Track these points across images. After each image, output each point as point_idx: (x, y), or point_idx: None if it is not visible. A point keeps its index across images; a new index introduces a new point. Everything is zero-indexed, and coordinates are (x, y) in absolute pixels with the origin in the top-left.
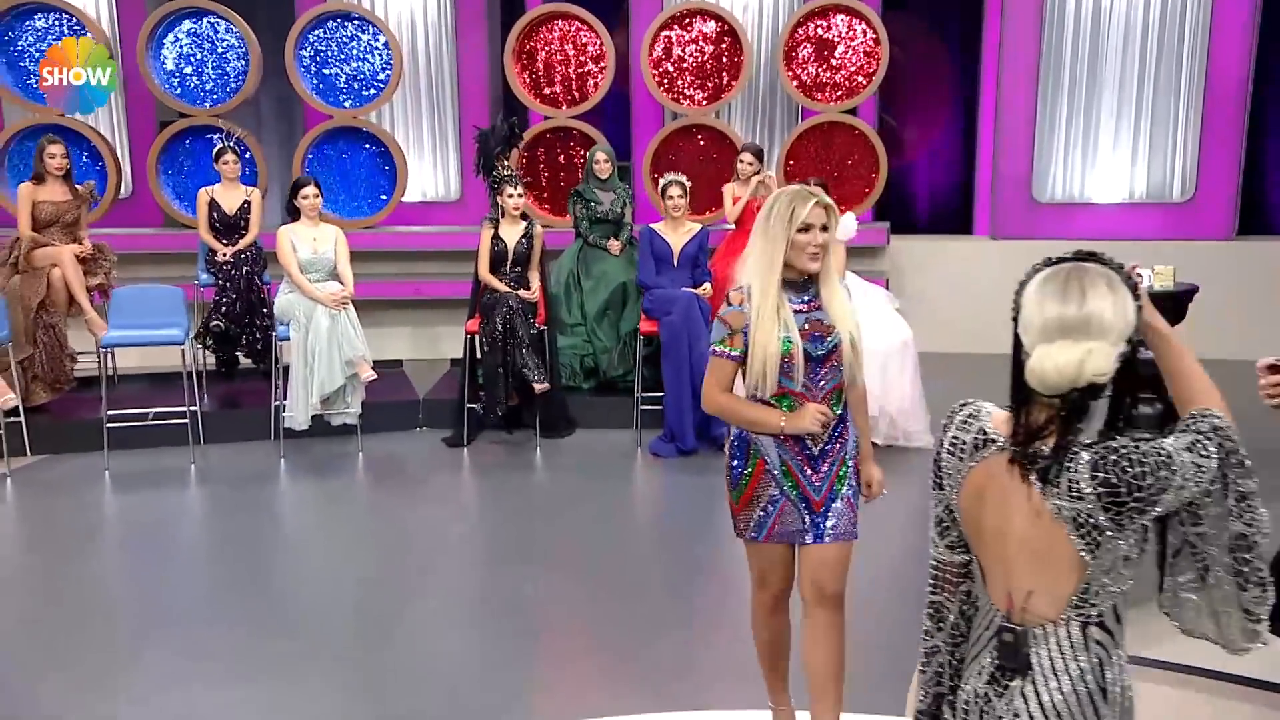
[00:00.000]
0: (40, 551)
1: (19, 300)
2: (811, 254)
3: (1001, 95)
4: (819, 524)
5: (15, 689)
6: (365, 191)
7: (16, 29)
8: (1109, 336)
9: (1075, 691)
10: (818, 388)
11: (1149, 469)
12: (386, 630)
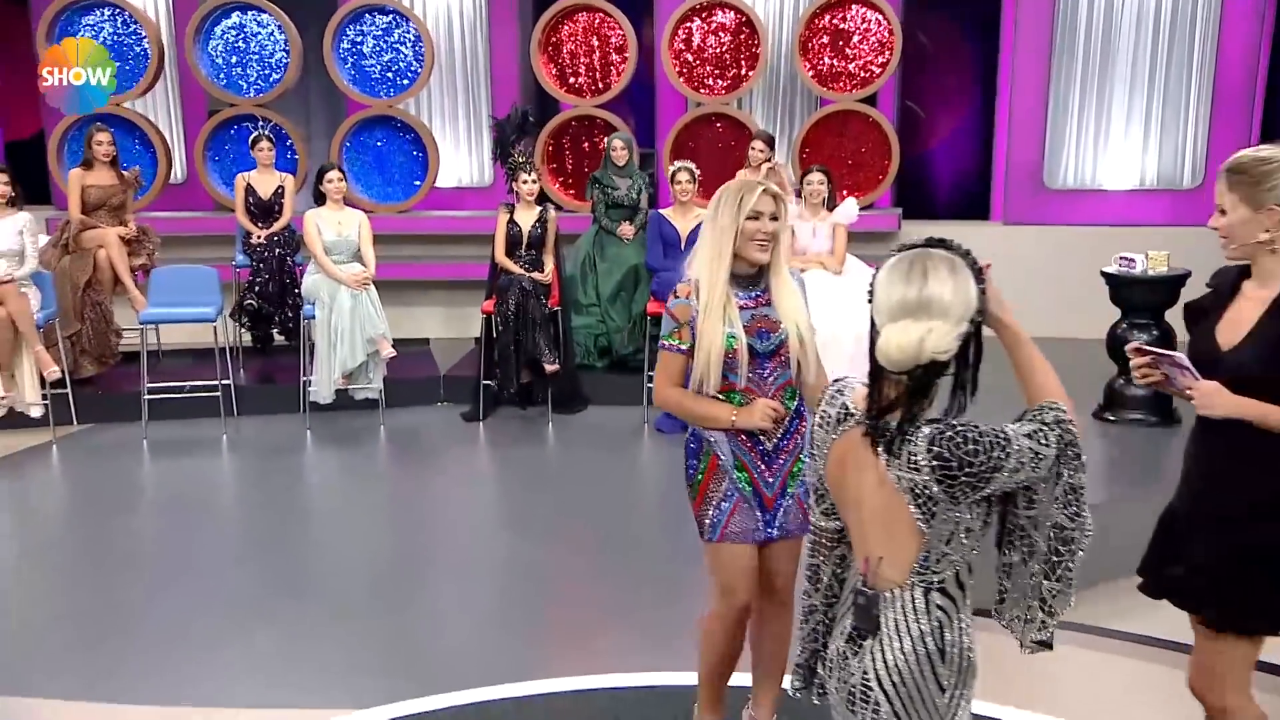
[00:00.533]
0: (83, 513)
1: (68, 279)
2: (760, 243)
3: (1014, 83)
4: (769, 521)
5: (62, 635)
6: (400, 177)
7: (74, 24)
8: (949, 317)
9: (915, 652)
10: (766, 384)
11: (982, 448)
12: (403, 589)
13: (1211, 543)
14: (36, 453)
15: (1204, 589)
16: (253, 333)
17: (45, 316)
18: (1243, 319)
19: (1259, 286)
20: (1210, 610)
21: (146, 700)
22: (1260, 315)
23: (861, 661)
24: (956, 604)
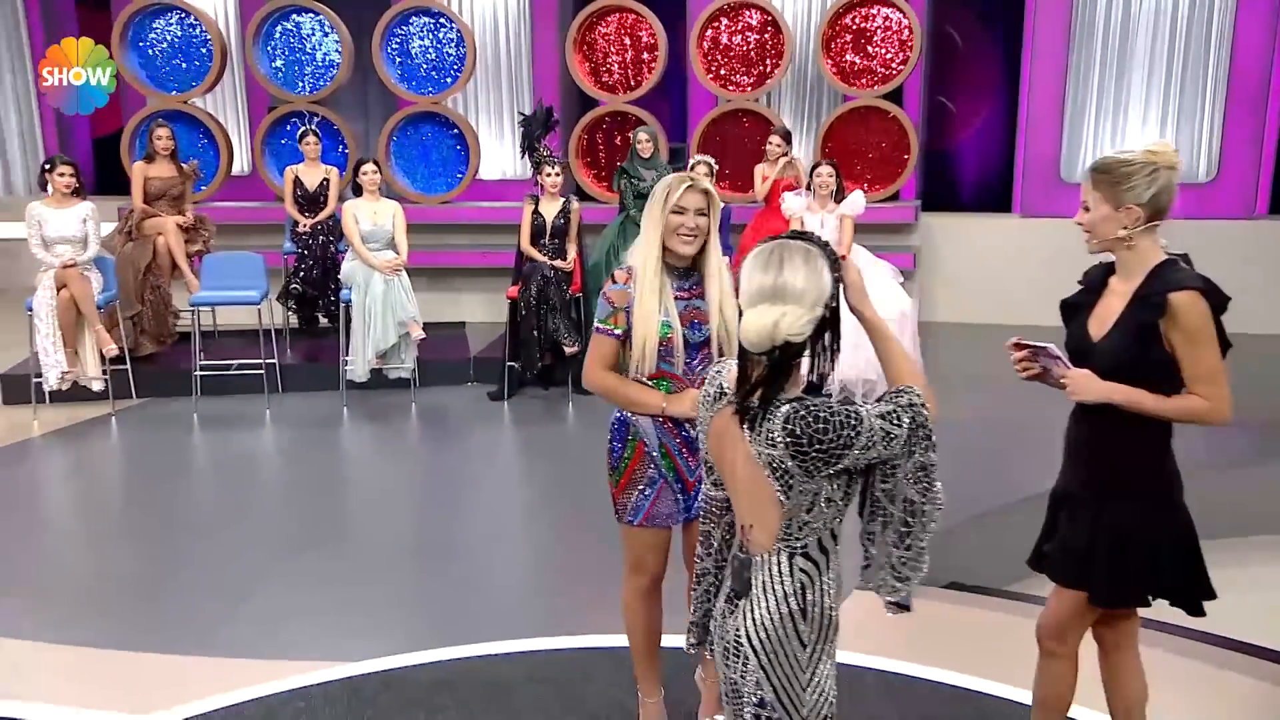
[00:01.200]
0: (137, 478)
1: (130, 264)
2: (684, 237)
3: (1032, 78)
4: (689, 503)
5: (119, 589)
6: (443, 170)
7: (145, 27)
8: (802, 302)
9: (779, 611)
10: (695, 372)
11: (832, 426)
12: (430, 550)
13: (1079, 524)
14: (97, 423)
15: (1072, 566)
16: (298, 315)
17: (105, 298)
18: (1109, 311)
19: (1123, 280)
20: (1080, 587)
21: (195, 650)
22: (1123, 307)
23: (735, 619)
24: (819, 567)
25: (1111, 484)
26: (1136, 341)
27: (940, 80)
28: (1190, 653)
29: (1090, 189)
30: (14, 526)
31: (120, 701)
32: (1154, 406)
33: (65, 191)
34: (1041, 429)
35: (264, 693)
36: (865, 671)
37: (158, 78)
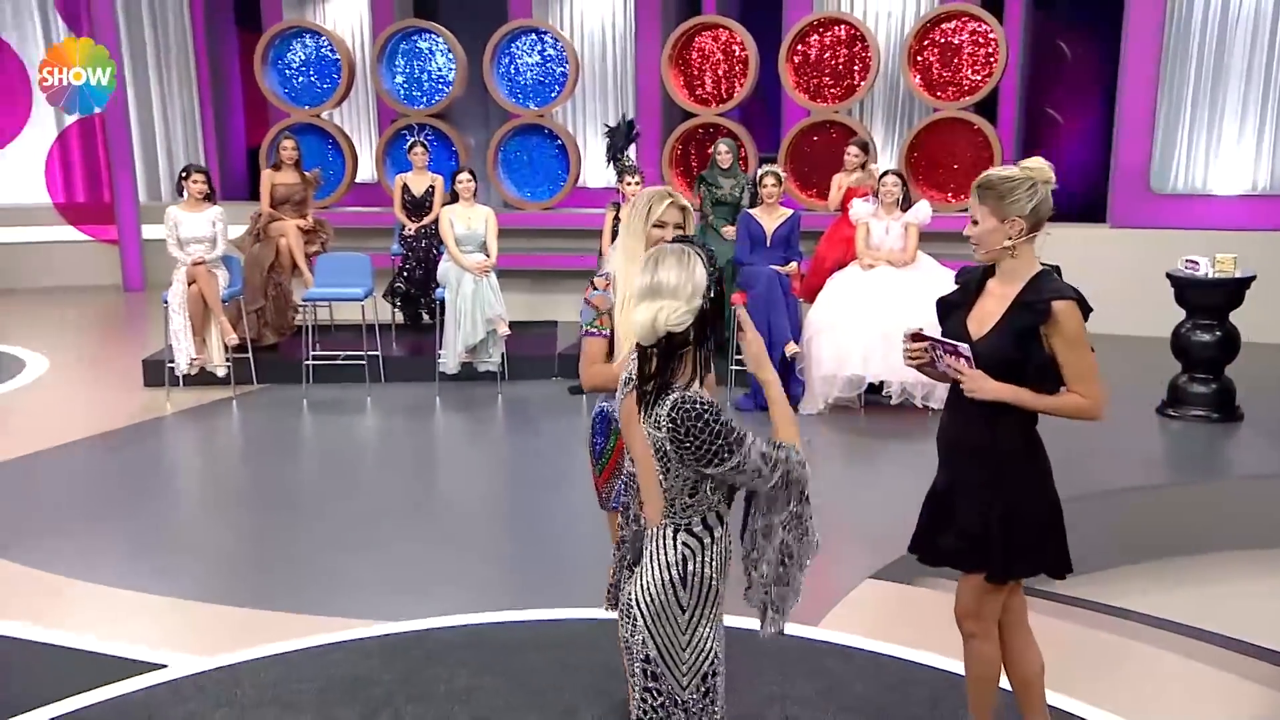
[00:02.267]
0: (253, 455)
1: (256, 262)
2: None
3: (1125, 88)
4: None
5: (239, 552)
6: (546, 178)
7: (284, 48)
8: (679, 296)
9: (661, 579)
10: None
11: (710, 431)
12: (513, 520)
13: (971, 512)
14: (220, 405)
15: (973, 551)
16: (404, 312)
17: (230, 293)
18: (989, 312)
19: (1002, 285)
20: (982, 569)
21: (302, 609)
22: (1004, 310)
23: (629, 584)
24: (703, 543)
25: (995, 474)
26: (1016, 342)
27: (1042, 90)
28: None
29: (978, 204)
30: (148, 493)
31: (216, 649)
32: (1039, 404)
33: (198, 197)
34: (1105, 434)
35: (340, 639)
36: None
37: (294, 94)
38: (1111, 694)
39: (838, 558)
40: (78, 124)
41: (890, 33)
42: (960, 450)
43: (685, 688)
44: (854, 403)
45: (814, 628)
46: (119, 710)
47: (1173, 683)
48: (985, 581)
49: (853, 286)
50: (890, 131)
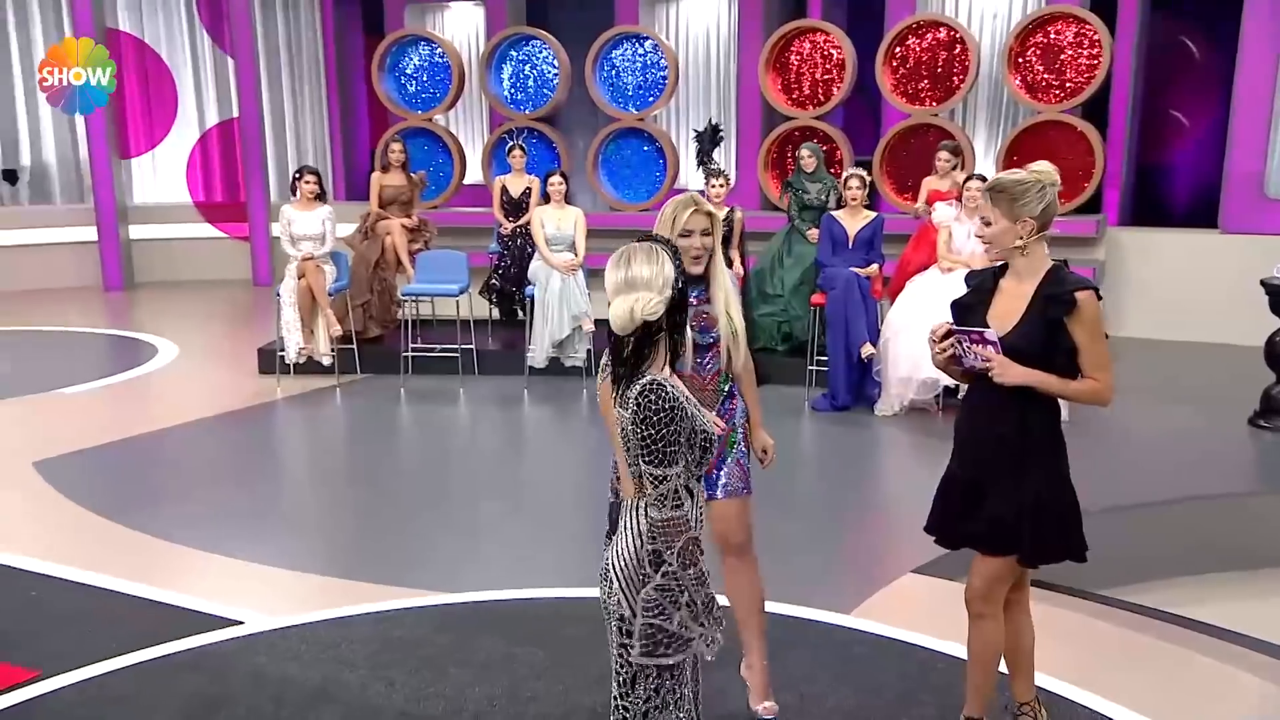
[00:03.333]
0: (352, 439)
1: (363, 259)
2: (693, 257)
3: (1240, 92)
4: (713, 481)
5: (343, 527)
6: (645, 179)
7: (400, 55)
8: (651, 288)
9: (630, 546)
10: (706, 370)
11: (665, 416)
12: (586, 504)
13: (1002, 499)
14: (325, 393)
15: (1002, 537)
16: (499, 308)
17: (336, 288)
18: (1009, 309)
19: (1018, 283)
20: (1009, 553)
21: (375, 579)
22: (1026, 306)
23: (608, 551)
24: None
25: (1023, 463)
26: (1045, 333)
27: (1160, 91)
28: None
29: (991, 206)
30: (250, 470)
31: (292, 610)
32: (1062, 388)
33: (310, 196)
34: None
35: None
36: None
37: (409, 98)
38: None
39: (884, 551)
40: (217, 127)
41: (996, 34)
42: (988, 440)
43: None
44: (930, 405)
45: (846, 615)
46: (195, 659)
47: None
48: (1017, 564)
49: (931, 290)
50: (993, 135)
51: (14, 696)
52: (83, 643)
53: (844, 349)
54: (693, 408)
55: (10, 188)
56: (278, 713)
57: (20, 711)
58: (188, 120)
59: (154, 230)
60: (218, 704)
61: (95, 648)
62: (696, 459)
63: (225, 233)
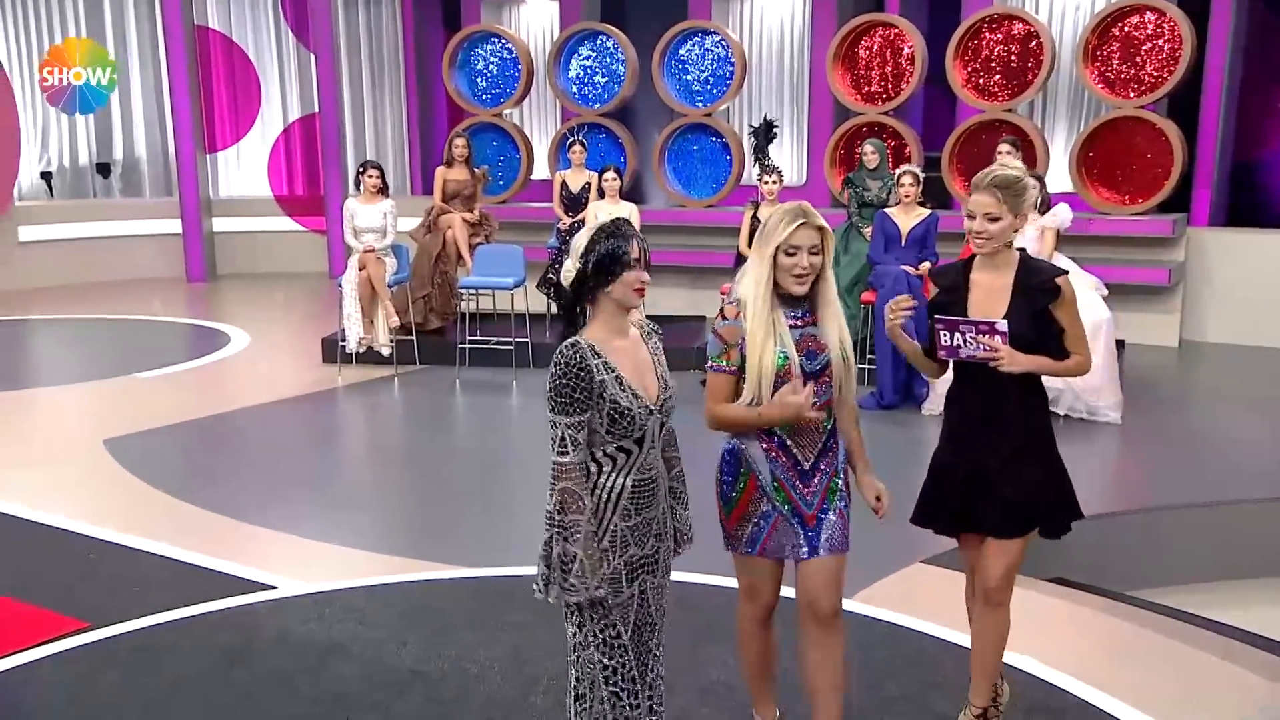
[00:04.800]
0: (407, 426)
1: (425, 252)
2: (797, 277)
3: None
4: (813, 538)
5: (395, 508)
6: (711, 175)
7: (471, 51)
8: (574, 256)
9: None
10: (815, 401)
11: (562, 374)
12: None
13: (1015, 481)
14: (382, 382)
15: (1017, 519)
16: (556, 301)
17: (396, 279)
18: (993, 301)
19: (991, 275)
20: (1026, 532)
21: (410, 554)
22: (1009, 296)
23: None
24: (591, 479)
25: (1029, 446)
26: (1035, 322)
27: (1259, 88)
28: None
29: (997, 203)
30: (311, 453)
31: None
32: (1058, 369)
33: (372, 190)
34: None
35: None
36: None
37: (480, 94)
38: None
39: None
40: (299, 122)
41: (1079, 26)
42: (993, 426)
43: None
44: None
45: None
46: (229, 618)
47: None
48: (1023, 548)
49: None
50: (1073, 131)
51: (65, 644)
52: (131, 601)
53: (891, 347)
54: (612, 378)
55: (104, 181)
56: (295, 666)
57: (68, 657)
58: (271, 116)
59: (236, 223)
60: (243, 657)
61: (141, 605)
62: (606, 426)
63: (304, 226)
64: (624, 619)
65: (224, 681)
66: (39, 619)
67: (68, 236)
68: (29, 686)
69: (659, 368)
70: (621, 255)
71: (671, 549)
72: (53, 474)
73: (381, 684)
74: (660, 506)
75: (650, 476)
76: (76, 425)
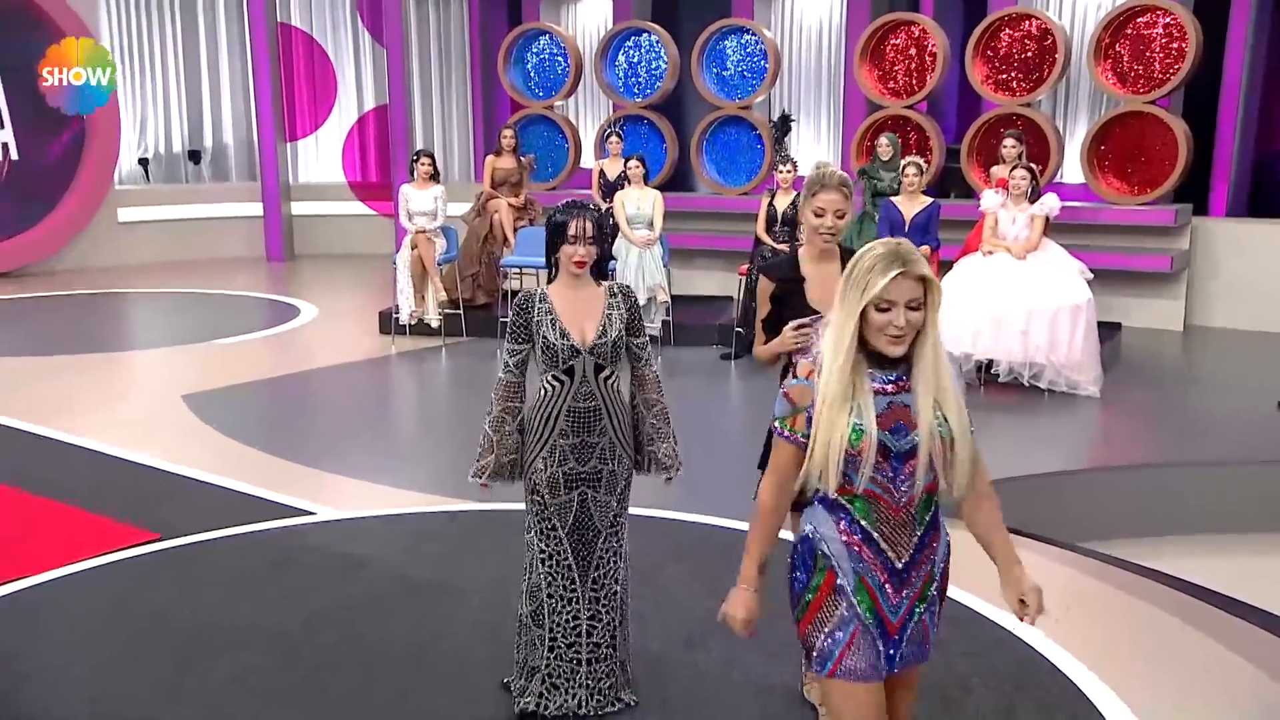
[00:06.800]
0: (451, 391)
1: (474, 234)
2: (892, 337)
3: None
4: (892, 653)
5: (409, 453)
6: (745, 164)
7: (525, 47)
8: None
9: None
10: (899, 490)
11: (513, 308)
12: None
13: None
14: (432, 352)
15: None
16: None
17: (445, 258)
18: (827, 289)
19: (821, 264)
20: None
21: (440, 492)
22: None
23: None
24: (523, 394)
25: None
26: None
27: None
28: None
29: (844, 199)
30: (365, 409)
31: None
32: None
33: (425, 176)
34: None
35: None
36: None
37: (533, 88)
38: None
39: None
40: (372, 113)
41: (1075, 24)
42: None
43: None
44: (973, 380)
45: None
46: (274, 536)
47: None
48: None
49: (973, 272)
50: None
51: (138, 550)
52: (196, 520)
53: None
54: (549, 320)
55: (194, 166)
56: (321, 572)
57: (140, 562)
58: (346, 107)
59: (313, 207)
60: (281, 566)
61: (205, 524)
62: (540, 357)
63: (374, 210)
64: (561, 518)
65: (268, 583)
66: (123, 531)
67: (162, 218)
68: (114, 580)
69: (605, 321)
70: (560, 230)
71: (615, 472)
72: (139, 422)
73: (398, 590)
74: (607, 436)
75: (590, 407)
76: (160, 383)
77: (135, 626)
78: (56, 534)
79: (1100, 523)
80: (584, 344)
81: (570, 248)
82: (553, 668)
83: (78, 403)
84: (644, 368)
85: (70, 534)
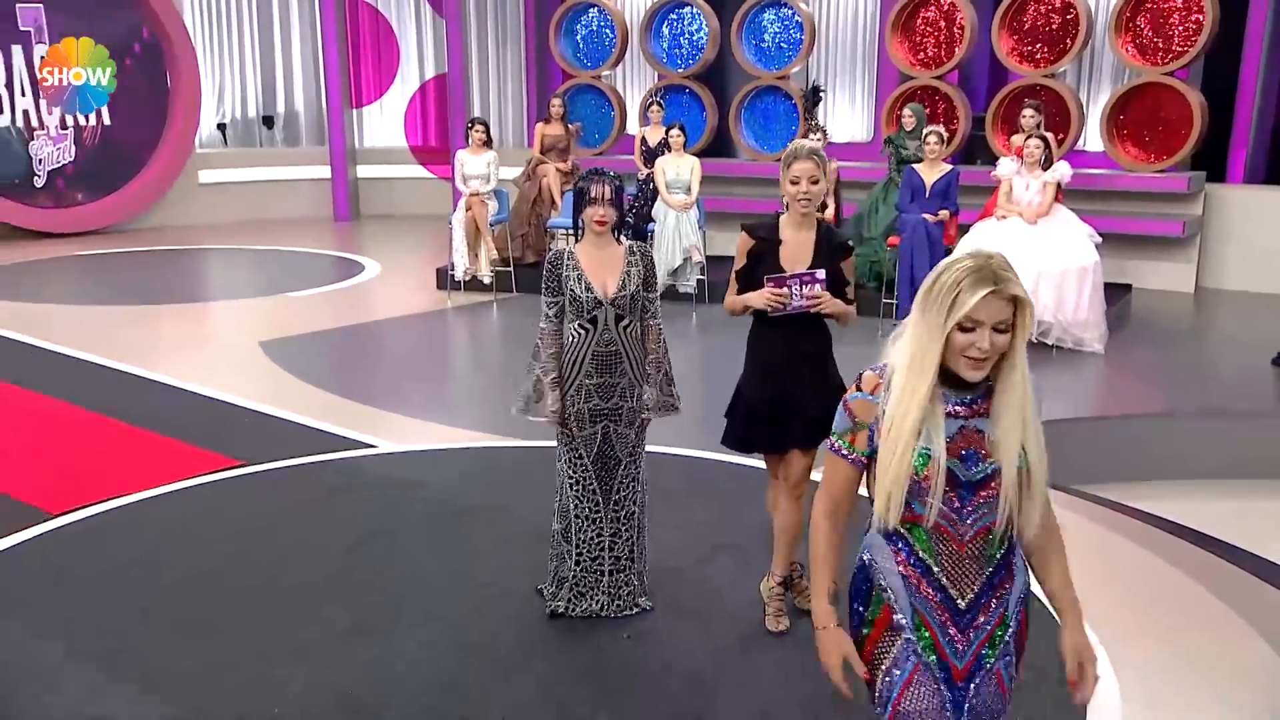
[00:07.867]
0: (504, 343)
1: (524, 197)
2: (973, 362)
3: None
4: (959, 702)
5: (459, 395)
6: (781, 132)
7: (575, 19)
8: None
9: None
10: (966, 523)
11: (545, 264)
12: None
13: (817, 401)
14: (484, 306)
15: (818, 431)
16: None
17: (497, 219)
18: (800, 254)
19: (798, 230)
20: (821, 440)
21: (485, 429)
22: (813, 250)
23: None
24: (564, 342)
25: (825, 369)
26: (831, 266)
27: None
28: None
29: (816, 167)
30: (428, 358)
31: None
32: (848, 311)
33: (479, 143)
34: None
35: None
36: None
37: (582, 58)
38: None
39: None
40: (432, 82)
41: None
42: (803, 358)
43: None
44: None
45: None
46: (338, 464)
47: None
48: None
49: (986, 235)
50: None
51: (227, 474)
52: (274, 450)
53: (910, 285)
54: (575, 275)
55: (268, 131)
56: (379, 496)
57: (229, 484)
58: (409, 75)
59: (377, 170)
60: (343, 489)
61: (278, 453)
62: (570, 307)
63: (434, 174)
64: (587, 448)
65: (334, 504)
66: (209, 458)
67: (238, 180)
68: (200, 501)
69: (624, 276)
70: (583, 195)
71: (634, 408)
72: (219, 364)
73: (449, 511)
74: (627, 376)
75: (612, 351)
76: (238, 330)
77: (221, 533)
78: (153, 458)
79: (1098, 468)
80: (606, 296)
81: (592, 209)
82: (579, 577)
83: (164, 347)
84: (650, 319)
85: (164, 459)
